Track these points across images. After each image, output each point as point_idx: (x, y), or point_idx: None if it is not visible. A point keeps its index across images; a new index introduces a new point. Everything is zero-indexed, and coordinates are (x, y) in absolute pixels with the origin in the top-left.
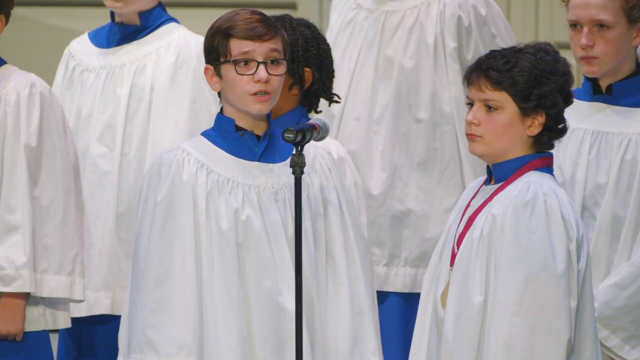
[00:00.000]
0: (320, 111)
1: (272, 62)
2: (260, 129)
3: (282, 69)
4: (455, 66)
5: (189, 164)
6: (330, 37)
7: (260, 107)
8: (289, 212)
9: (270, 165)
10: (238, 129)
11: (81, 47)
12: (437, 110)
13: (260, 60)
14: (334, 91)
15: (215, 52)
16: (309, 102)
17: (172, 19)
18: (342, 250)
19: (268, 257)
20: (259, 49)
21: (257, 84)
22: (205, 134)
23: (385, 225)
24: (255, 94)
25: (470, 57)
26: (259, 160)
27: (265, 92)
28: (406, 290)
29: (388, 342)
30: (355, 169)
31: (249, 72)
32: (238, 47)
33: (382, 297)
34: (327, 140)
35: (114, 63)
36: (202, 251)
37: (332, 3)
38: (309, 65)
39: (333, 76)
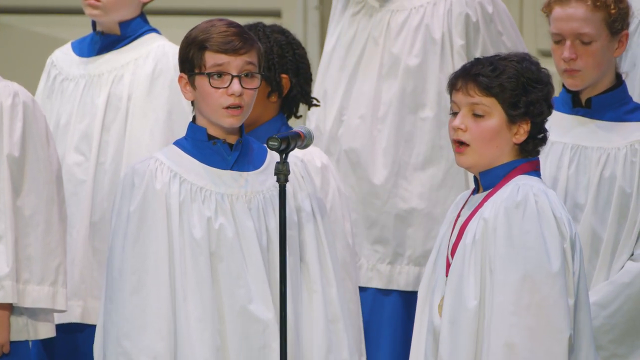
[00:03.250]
0: (300, 116)
1: (247, 75)
2: (232, 138)
3: (256, 82)
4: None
5: (161, 173)
6: (331, 28)
7: (232, 121)
8: (262, 221)
9: (244, 173)
10: (210, 137)
11: (63, 56)
12: (442, 108)
13: (234, 73)
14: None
15: (190, 62)
16: (288, 108)
17: (153, 29)
18: (315, 258)
19: (241, 265)
20: (234, 63)
21: (231, 97)
22: (177, 143)
23: (389, 224)
24: (228, 107)
25: (479, 54)
26: (231, 169)
27: (239, 106)
28: (410, 289)
29: (392, 340)
30: (339, 177)
31: (223, 86)
32: (213, 59)
33: (386, 295)
34: (310, 148)
35: (92, 72)
36: (175, 260)
37: None
38: (285, 72)
39: (311, 80)
